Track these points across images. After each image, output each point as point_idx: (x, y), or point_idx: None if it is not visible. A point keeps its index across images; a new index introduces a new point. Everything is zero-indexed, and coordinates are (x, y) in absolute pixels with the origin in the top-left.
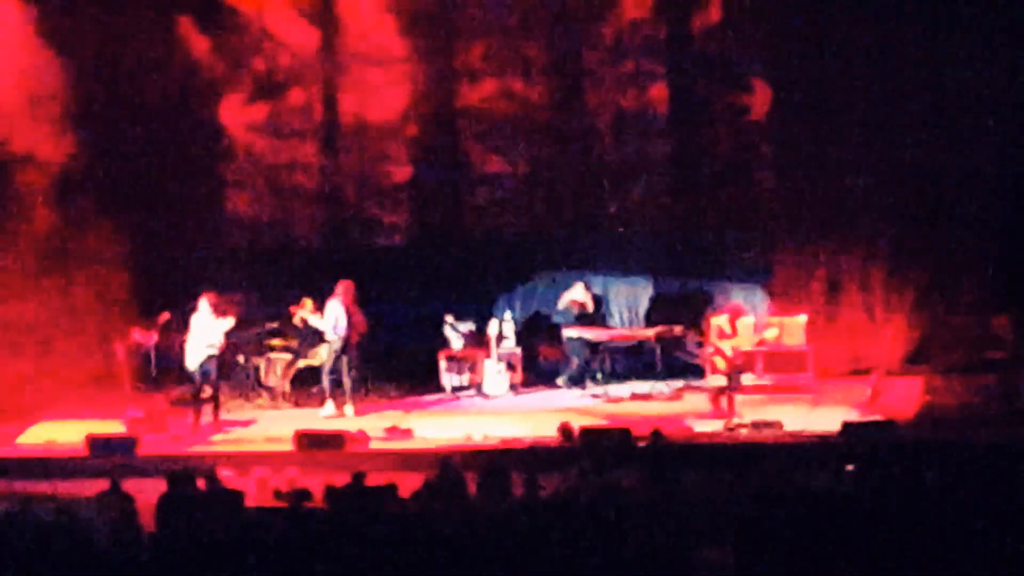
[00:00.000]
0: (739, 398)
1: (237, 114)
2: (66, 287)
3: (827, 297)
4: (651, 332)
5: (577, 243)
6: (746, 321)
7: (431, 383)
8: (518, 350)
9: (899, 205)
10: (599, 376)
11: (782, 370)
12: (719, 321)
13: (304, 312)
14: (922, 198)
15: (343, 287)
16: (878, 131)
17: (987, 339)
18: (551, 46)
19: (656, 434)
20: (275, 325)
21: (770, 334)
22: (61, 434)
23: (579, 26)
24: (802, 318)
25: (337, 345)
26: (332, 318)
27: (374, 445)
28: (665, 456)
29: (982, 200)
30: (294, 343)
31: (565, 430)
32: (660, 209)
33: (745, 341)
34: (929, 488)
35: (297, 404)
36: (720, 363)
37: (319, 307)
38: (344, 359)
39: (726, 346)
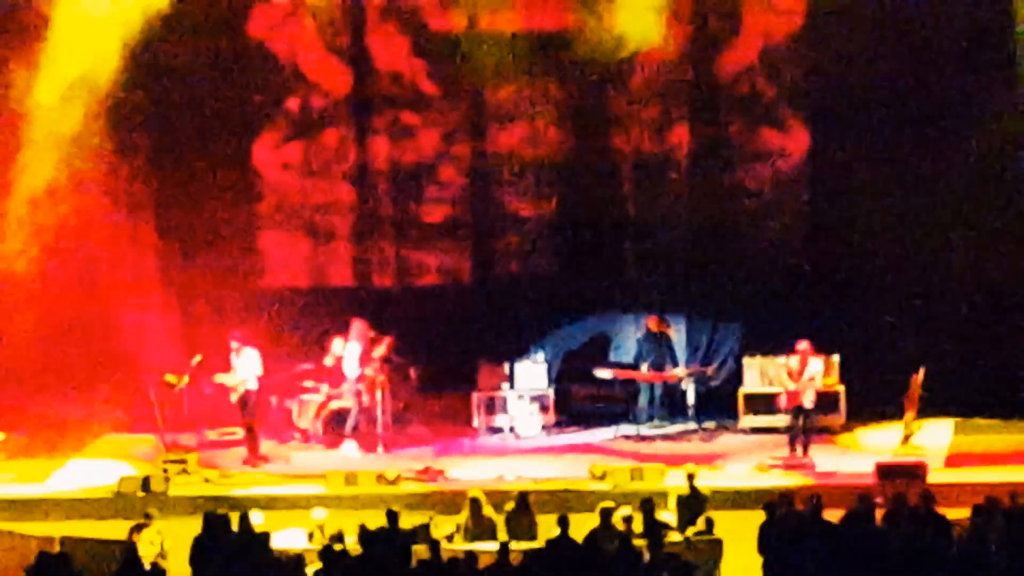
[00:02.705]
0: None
1: (271, 154)
2: (104, 327)
3: (861, 340)
4: (682, 372)
5: (606, 285)
6: (815, 364)
7: (463, 424)
8: (550, 391)
9: (942, 253)
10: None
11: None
12: (789, 363)
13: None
14: (964, 244)
15: (359, 327)
16: (923, 179)
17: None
18: (579, 90)
19: (689, 475)
20: (307, 366)
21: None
22: (94, 475)
23: (606, 69)
24: (835, 358)
25: (356, 385)
26: (351, 359)
27: (406, 486)
28: (697, 497)
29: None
30: (326, 384)
31: (596, 471)
32: (687, 252)
33: (809, 383)
34: (959, 530)
35: (329, 445)
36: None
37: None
38: (372, 399)
39: (783, 387)
